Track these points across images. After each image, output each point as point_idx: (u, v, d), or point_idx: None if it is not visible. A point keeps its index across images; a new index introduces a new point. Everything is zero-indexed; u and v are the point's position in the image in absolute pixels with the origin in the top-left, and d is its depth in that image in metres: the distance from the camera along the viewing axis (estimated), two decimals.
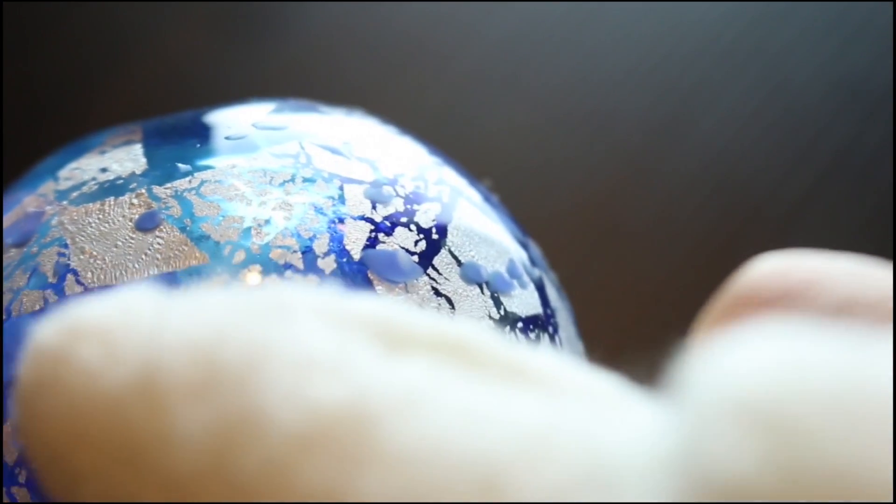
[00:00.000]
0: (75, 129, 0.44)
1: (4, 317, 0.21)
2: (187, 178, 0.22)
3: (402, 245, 0.22)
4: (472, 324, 0.13)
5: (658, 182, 0.49)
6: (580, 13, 0.53)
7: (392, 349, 0.12)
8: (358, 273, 0.21)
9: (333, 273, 0.21)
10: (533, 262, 0.24)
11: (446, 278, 0.22)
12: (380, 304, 0.12)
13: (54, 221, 0.22)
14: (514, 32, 0.53)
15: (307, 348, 0.11)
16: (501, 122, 0.50)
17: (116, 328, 0.12)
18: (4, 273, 0.22)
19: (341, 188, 0.22)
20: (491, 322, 0.22)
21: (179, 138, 0.24)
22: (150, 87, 0.51)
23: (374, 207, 0.22)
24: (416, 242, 0.22)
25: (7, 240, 0.23)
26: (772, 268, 0.14)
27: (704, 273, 0.46)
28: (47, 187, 0.23)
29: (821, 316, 0.13)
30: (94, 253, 0.21)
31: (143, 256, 0.21)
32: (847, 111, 0.49)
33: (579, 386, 0.11)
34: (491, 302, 0.22)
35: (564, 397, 0.11)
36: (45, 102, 0.51)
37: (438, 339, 0.12)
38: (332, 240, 0.21)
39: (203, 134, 0.24)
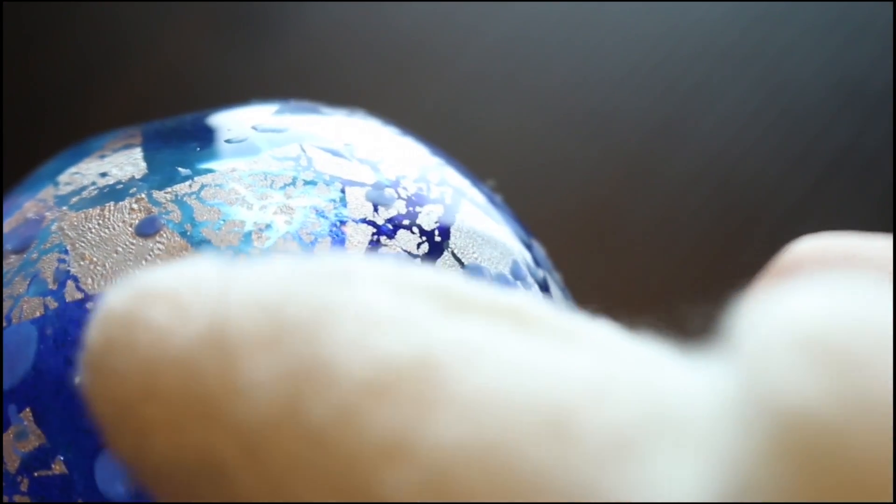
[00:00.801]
0: (75, 130, 0.44)
1: (5, 324, 0.21)
2: (187, 183, 0.22)
3: (405, 248, 0.22)
4: (524, 294, 0.13)
5: (658, 182, 0.49)
6: (580, 13, 0.53)
7: (450, 312, 0.12)
8: None
9: None
10: (537, 262, 0.24)
11: None
12: (436, 273, 0.13)
13: (54, 227, 0.22)
14: (515, 33, 0.53)
15: (370, 306, 0.12)
16: (501, 123, 0.50)
17: (184, 291, 0.12)
18: (5, 279, 0.22)
19: (343, 191, 0.22)
20: None
21: (179, 142, 0.23)
22: (150, 88, 0.51)
23: (375, 210, 0.22)
24: (419, 245, 0.22)
25: (7, 246, 0.22)
26: (812, 245, 0.15)
27: (705, 273, 0.46)
28: (47, 192, 0.23)
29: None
30: (95, 259, 0.21)
31: (144, 262, 0.21)
32: (847, 111, 0.49)
33: (631, 346, 0.12)
34: None
35: (619, 354, 0.11)
36: (44, 104, 0.51)
37: (493, 305, 0.12)
38: (333, 243, 0.21)
39: (203, 137, 0.24)
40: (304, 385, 0.11)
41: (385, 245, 0.22)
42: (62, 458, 0.20)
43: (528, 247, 0.24)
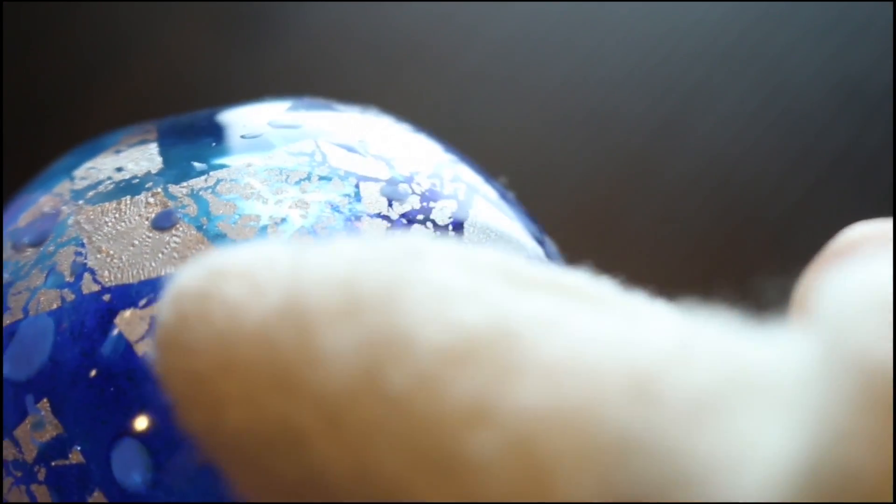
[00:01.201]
0: (76, 130, 0.44)
1: (21, 315, 0.22)
2: (203, 177, 0.22)
3: None
4: (586, 274, 0.13)
5: (658, 182, 0.49)
6: (580, 13, 0.53)
7: (519, 288, 0.12)
8: None
9: None
10: (549, 258, 0.24)
11: None
12: (500, 253, 0.13)
13: (70, 221, 0.22)
14: (515, 33, 0.53)
15: (443, 280, 0.12)
16: (501, 124, 0.51)
17: (258, 268, 0.13)
18: (21, 272, 0.22)
19: (357, 186, 0.22)
20: None
21: (195, 137, 0.24)
22: (151, 88, 0.51)
23: (390, 205, 0.22)
24: None
25: (24, 239, 0.23)
26: (863, 229, 0.15)
27: (705, 273, 0.47)
28: (63, 187, 0.23)
29: None
30: (111, 252, 0.21)
31: (160, 255, 0.21)
32: (847, 111, 0.49)
33: (699, 319, 0.12)
34: None
35: (691, 325, 0.11)
36: (45, 103, 0.51)
37: (558, 283, 0.12)
38: (348, 237, 0.21)
39: (218, 133, 0.24)
40: (382, 354, 0.11)
41: None
42: (79, 448, 0.20)
43: (541, 242, 0.25)
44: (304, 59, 0.52)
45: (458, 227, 0.23)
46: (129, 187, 0.22)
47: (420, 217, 0.22)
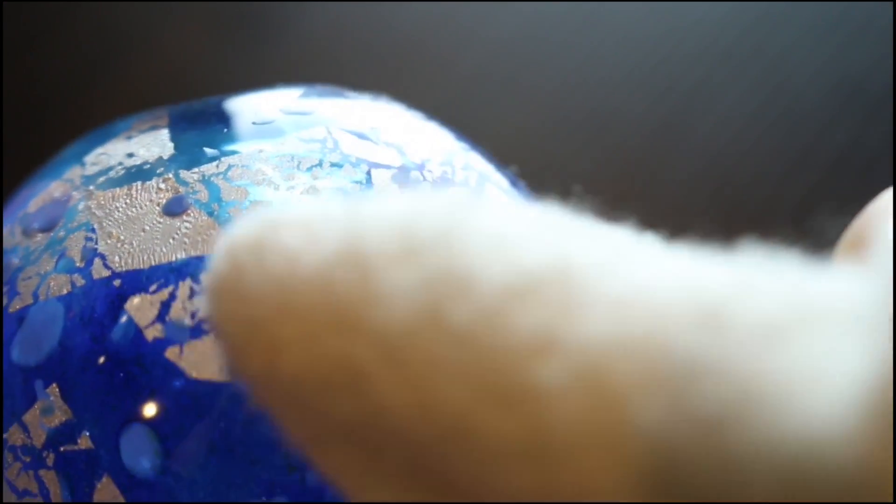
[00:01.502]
0: (75, 130, 0.44)
1: (31, 300, 0.21)
2: (214, 163, 0.22)
3: None
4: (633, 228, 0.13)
5: (658, 182, 0.49)
6: (580, 14, 0.53)
7: (573, 236, 0.12)
8: None
9: None
10: None
11: None
12: (545, 206, 0.13)
13: (81, 206, 0.22)
14: (515, 33, 0.53)
15: (498, 226, 0.12)
16: (501, 124, 0.51)
17: (313, 219, 0.13)
18: (32, 257, 0.22)
19: (369, 173, 0.22)
20: None
21: (206, 123, 0.24)
22: (151, 87, 0.51)
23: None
24: None
25: (34, 224, 0.23)
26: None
27: None
28: (74, 172, 0.23)
29: None
30: (122, 237, 0.21)
31: (171, 241, 0.21)
32: (847, 111, 0.50)
33: (757, 259, 0.12)
34: None
35: (751, 265, 0.12)
36: (44, 103, 0.51)
37: (611, 232, 0.12)
38: None
39: (230, 119, 0.24)
40: (443, 292, 0.11)
41: None
42: (88, 434, 0.20)
43: None
44: (304, 59, 0.52)
45: None
46: (140, 173, 0.22)
47: None
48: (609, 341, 0.11)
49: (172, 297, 0.21)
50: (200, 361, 0.20)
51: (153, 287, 0.21)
